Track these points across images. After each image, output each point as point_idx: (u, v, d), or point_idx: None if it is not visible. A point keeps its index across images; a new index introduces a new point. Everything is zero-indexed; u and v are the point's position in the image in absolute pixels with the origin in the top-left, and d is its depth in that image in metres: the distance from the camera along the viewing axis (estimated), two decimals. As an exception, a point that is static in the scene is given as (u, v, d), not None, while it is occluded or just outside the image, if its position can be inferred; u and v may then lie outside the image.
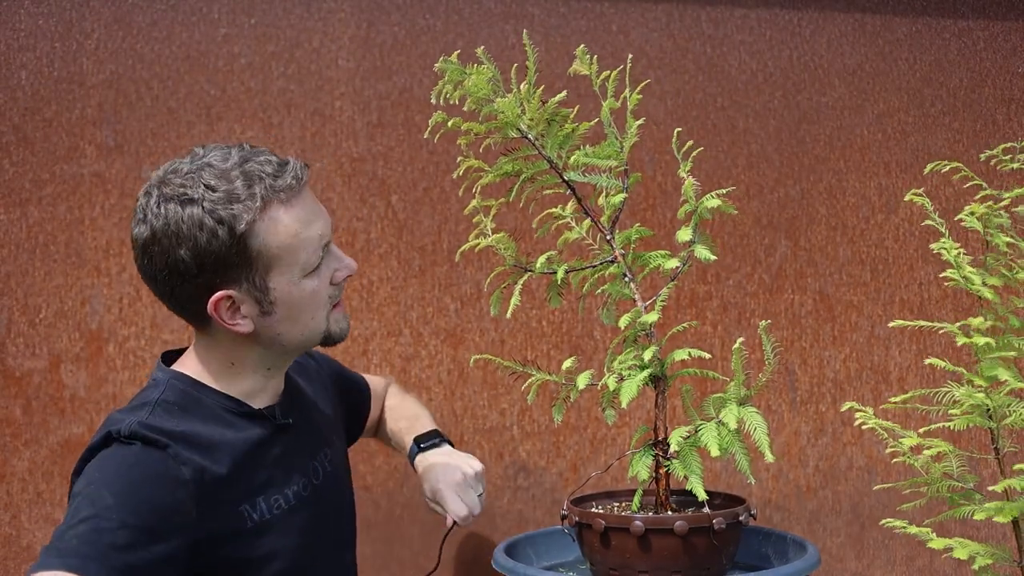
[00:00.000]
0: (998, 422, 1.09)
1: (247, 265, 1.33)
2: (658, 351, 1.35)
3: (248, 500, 1.39)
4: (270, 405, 1.49)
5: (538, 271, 1.43)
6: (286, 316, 1.39)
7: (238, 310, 1.37)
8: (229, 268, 1.32)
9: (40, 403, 2.28)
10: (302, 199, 1.37)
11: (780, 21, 2.60)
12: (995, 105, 2.68)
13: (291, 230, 1.34)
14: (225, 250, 1.31)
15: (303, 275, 1.37)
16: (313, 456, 1.55)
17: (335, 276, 1.43)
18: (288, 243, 1.35)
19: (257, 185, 1.32)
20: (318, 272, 1.40)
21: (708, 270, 2.53)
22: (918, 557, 2.58)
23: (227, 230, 1.30)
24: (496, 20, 2.47)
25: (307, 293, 1.38)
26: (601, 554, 1.33)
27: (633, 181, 1.39)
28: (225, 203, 1.30)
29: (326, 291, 1.42)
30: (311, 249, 1.37)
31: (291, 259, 1.35)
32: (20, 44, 2.31)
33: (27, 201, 2.30)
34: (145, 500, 1.26)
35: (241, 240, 1.31)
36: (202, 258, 1.31)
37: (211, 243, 1.30)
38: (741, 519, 1.33)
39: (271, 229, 1.33)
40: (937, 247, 1.11)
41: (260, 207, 1.32)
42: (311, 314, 1.40)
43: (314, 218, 1.38)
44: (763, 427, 1.26)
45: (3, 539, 2.27)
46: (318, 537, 1.49)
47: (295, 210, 1.35)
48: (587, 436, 2.46)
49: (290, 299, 1.37)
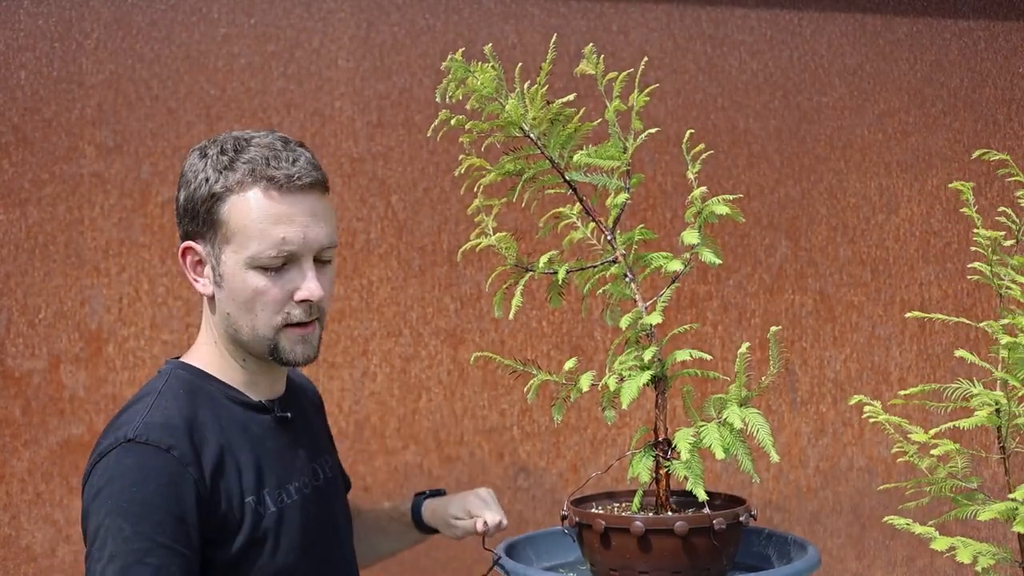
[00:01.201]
0: (1008, 421, 1.09)
1: (211, 227, 1.41)
2: (658, 352, 1.34)
3: (252, 495, 1.40)
4: (270, 399, 1.49)
5: (539, 271, 1.43)
6: (231, 297, 1.42)
7: (202, 269, 1.45)
8: (199, 223, 1.41)
9: (40, 403, 2.28)
10: (292, 200, 1.39)
11: (780, 21, 2.60)
12: (995, 105, 2.68)
13: (253, 215, 1.38)
14: (199, 204, 1.40)
15: (250, 266, 1.39)
16: (313, 459, 1.55)
17: (296, 293, 1.41)
18: (245, 225, 1.38)
19: (251, 164, 1.39)
20: (272, 276, 1.39)
21: (708, 270, 2.53)
22: (919, 557, 2.58)
23: (208, 187, 1.39)
24: (496, 20, 2.47)
25: (249, 286, 1.40)
26: (601, 554, 1.33)
27: (636, 182, 1.38)
28: (222, 166, 1.40)
29: (278, 302, 1.41)
30: (264, 245, 1.38)
31: (243, 242, 1.39)
32: (20, 44, 2.31)
33: (27, 201, 2.29)
34: (158, 510, 1.30)
35: (213, 201, 1.39)
36: (188, 203, 1.42)
37: (195, 193, 1.41)
38: (741, 519, 1.32)
39: (239, 205, 1.38)
40: (980, 236, 1.11)
41: (240, 180, 1.38)
42: (255, 311, 1.41)
43: (288, 221, 1.38)
44: (766, 427, 1.25)
45: (3, 539, 2.26)
46: (322, 535, 1.49)
47: (271, 203, 1.38)
48: (587, 436, 2.46)
49: (233, 281, 1.41)
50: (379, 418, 2.40)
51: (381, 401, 2.40)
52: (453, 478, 2.41)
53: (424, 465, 2.41)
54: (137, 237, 2.32)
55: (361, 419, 2.39)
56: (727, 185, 2.53)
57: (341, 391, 2.39)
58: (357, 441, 2.39)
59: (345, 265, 2.40)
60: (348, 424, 2.38)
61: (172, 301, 2.32)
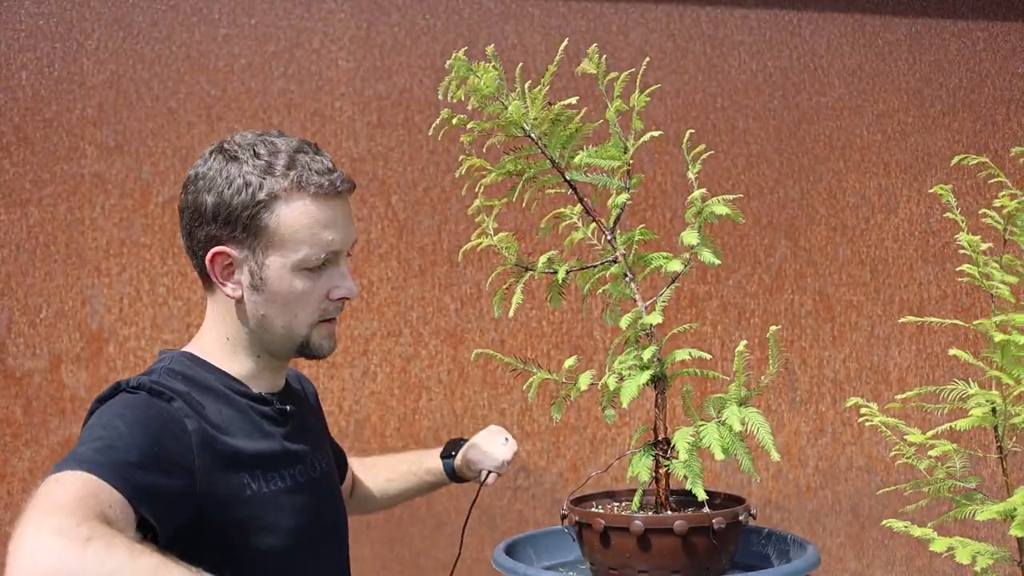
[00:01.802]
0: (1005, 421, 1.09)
1: (254, 234, 1.40)
2: (658, 351, 1.35)
3: (248, 471, 1.40)
4: (270, 392, 1.50)
5: (539, 271, 1.43)
6: (271, 300, 1.42)
7: (232, 272, 1.43)
8: (237, 229, 1.40)
9: (40, 403, 2.28)
10: (332, 204, 1.43)
11: (780, 21, 2.60)
12: (995, 105, 2.68)
13: (303, 221, 1.40)
14: (241, 210, 1.39)
15: (297, 269, 1.41)
16: (311, 452, 1.55)
17: (332, 292, 1.46)
18: (295, 231, 1.39)
19: (296, 169, 1.40)
20: (315, 276, 1.43)
21: (708, 270, 2.53)
22: (917, 557, 2.58)
23: (251, 193, 1.38)
24: (496, 20, 2.47)
25: (296, 289, 1.42)
26: (601, 554, 1.33)
27: (636, 182, 1.39)
28: (262, 172, 1.39)
29: (318, 300, 1.45)
30: (315, 249, 1.41)
31: (292, 247, 1.40)
32: (20, 44, 2.31)
33: (27, 201, 2.30)
34: (154, 435, 1.29)
35: (258, 207, 1.38)
36: (219, 208, 1.39)
37: (233, 199, 1.39)
38: (741, 519, 1.33)
39: (288, 212, 1.39)
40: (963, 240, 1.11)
41: (287, 187, 1.39)
42: (294, 311, 1.43)
43: (333, 225, 1.43)
44: (766, 427, 1.25)
45: (3, 539, 2.27)
46: (314, 525, 1.49)
47: (317, 208, 1.41)
48: (587, 436, 2.46)
49: (279, 285, 1.41)
50: (379, 418, 2.40)
51: (381, 401, 2.40)
52: (453, 478, 2.41)
53: (424, 465, 2.42)
54: (138, 237, 2.32)
55: (361, 419, 2.40)
56: (727, 185, 2.53)
57: (341, 391, 2.39)
58: (357, 441, 2.39)
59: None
60: (348, 424, 2.39)
61: (173, 301, 2.33)
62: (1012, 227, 1.17)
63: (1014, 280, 1.13)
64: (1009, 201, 1.15)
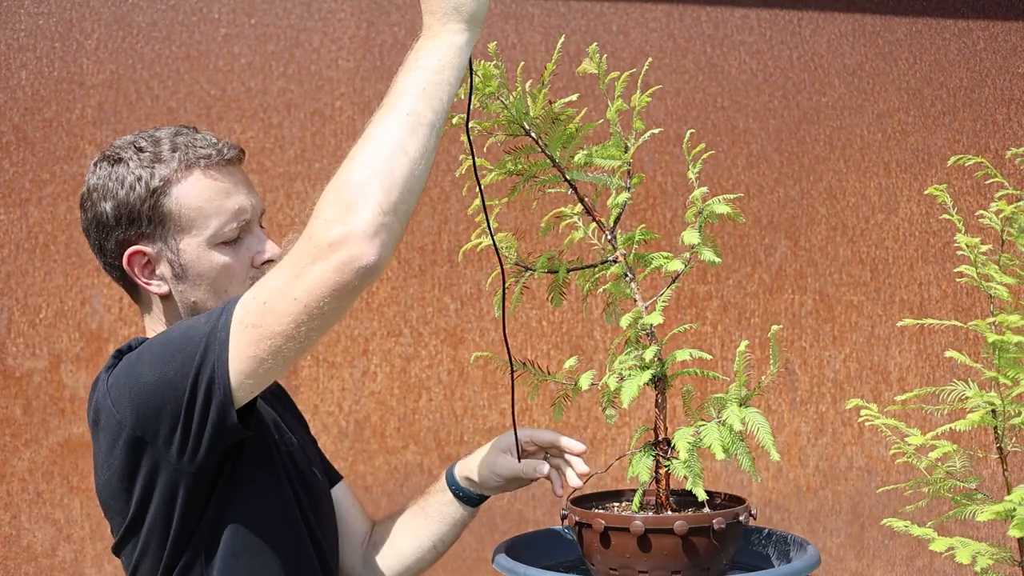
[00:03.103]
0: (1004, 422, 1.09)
1: (160, 223, 1.38)
2: (658, 351, 1.35)
3: (271, 420, 1.42)
4: None
5: (539, 271, 1.43)
6: (197, 283, 1.40)
7: (153, 270, 1.42)
8: (144, 223, 1.38)
9: (40, 403, 2.28)
10: (227, 172, 1.42)
11: (780, 21, 2.60)
12: (995, 105, 2.68)
13: (204, 195, 1.38)
14: (141, 204, 1.37)
15: (213, 244, 1.39)
16: (301, 437, 1.54)
17: (255, 258, 1.43)
18: (200, 207, 1.38)
19: (181, 151, 1.39)
20: (234, 248, 1.41)
21: (708, 270, 2.53)
22: (918, 557, 2.58)
23: (144, 185, 1.37)
24: (496, 20, 2.47)
25: (217, 264, 1.40)
26: (601, 554, 1.33)
27: (637, 182, 1.39)
28: (149, 163, 1.38)
29: (244, 270, 1.42)
30: (224, 219, 1.39)
31: (202, 223, 1.38)
32: (20, 44, 2.31)
33: (27, 201, 2.30)
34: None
35: (155, 196, 1.37)
36: (120, 210, 1.38)
37: (129, 196, 1.37)
38: (741, 519, 1.33)
39: (185, 191, 1.38)
40: (962, 241, 1.11)
41: (178, 167, 1.38)
42: (224, 287, 1.41)
43: (234, 192, 1.41)
44: (766, 427, 1.25)
45: (3, 539, 2.26)
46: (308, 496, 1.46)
47: (212, 179, 1.39)
48: (587, 436, 2.46)
49: (199, 265, 1.40)
50: (379, 418, 2.40)
51: (381, 401, 2.40)
52: (453, 478, 2.41)
53: (424, 465, 2.41)
54: (137, 237, 2.33)
55: (361, 419, 2.39)
56: (727, 185, 2.53)
57: (341, 391, 2.39)
58: (357, 441, 2.39)
59: (345, 265, 2.41)
60: (348, 424, 2.39)
61: (172, 301, 2.33)
62: (1010, 228, 1.17)
63: (1012, 281, 1.13)
64: (1006, 205, 1.15)
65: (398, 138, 1.19)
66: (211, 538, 1.31)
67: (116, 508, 1.31)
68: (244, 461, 1.32)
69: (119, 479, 1.28)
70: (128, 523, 1.30)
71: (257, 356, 1.18)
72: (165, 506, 1.27)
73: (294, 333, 1.15)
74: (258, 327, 1.17)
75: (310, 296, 1.14)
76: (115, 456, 1.27)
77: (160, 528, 1.28)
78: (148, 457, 1.25)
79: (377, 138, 1.20)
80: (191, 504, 1.28)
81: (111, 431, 1.26)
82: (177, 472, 1.25)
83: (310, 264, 1.13)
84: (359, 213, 1.13)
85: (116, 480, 1.28)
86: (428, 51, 1.23)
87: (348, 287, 1.14)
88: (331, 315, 1.16)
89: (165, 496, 1.26)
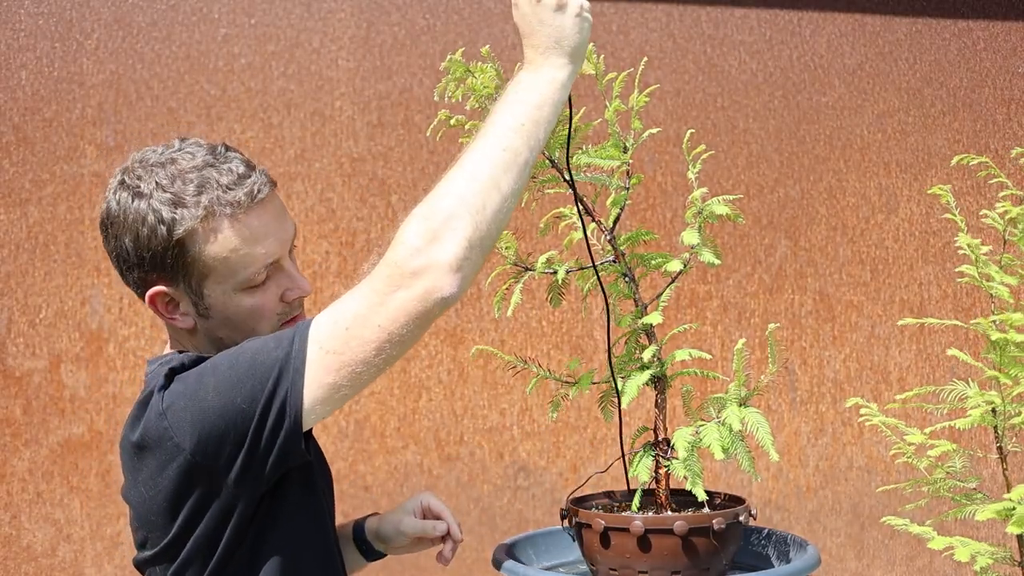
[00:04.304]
0: (1004, 421, 1.09)
1: (183, 269, 1.32)
2: (658, 351, 1.35)
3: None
4: None
5: (539, 271, 1.43)
6: (224, 323, 1.35)
7: (177, 306, 1.36)
8: (166, 267, 1.32)
9: (40, 403, 2.28)
10: (255, 215, 1.33)
11: (780, 21, 2.60)
12: (995, 105, 2.68)
13: (230, 244, 1.31)
14: (162, 250, 1.30)
15: (240, 289, 1.33)
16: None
17: (286, 294, 1.38)
18: (225, 256, 1.31)
19: (206, 194, 1.30)
20: (262, 289, 1.35)
21: (708, 270, 2.53)
22: (918, 557, 2.58)
23: (166, 231, 1.29)
24: (496, 20, 2.47)
25: (244, 307, 1.34)
26: (601, 554, 1.33)
27: (636, 182, 1.39)
28: (171, 205, 1.29)
29: (273, 307, 1.36)
30: (252, 267, 1.33)
31: (227, 272, 1.32)
32: (20, 44, 2.31)
33: (27, 201, 2.30)
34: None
35: (178, 244, 1.30)
36: (141, 251, 1.31)
37: (150, 240, 1.30)
38: (741, 519, 1.33)
39: (210, 240, 1.30)
40: (963, 241, 1.11)
41: (203, 216, 1.29)
42: (251, 326, 1.35)
43: (262, 236, 1.33)
44: (766, 426, 1.25)
45: (3, 539, 2.27)
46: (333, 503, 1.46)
47: (241, 225, 1.31)
48: (587, 436, 2.46)
49: (226, 310, 1.34)
50: (379, 418, 2.40)
51: (381, 401, 2.40)
52: (453, 477, 2.41)
53: (424, 464, 2.42)
54: (137, 237, 2.33)
55: (361, 419, 2.39)
56: (727, 185, 2.53)
57: (341, 391, 2.39)
58: (357, 441, 2.39)
59: (345, 265, 2.41)
60: (348, 424, 2.39)
61: (172, 301, 2.33)
62: (1013, 229, 1.17)
63: (1013, 281, 1.13)
64: (1012, 207, 1.15)
65: (492, 173, 1.18)
66: (252, 560, 1.28)
67: (157, 524, 1.27)
68: (288, 479, 1.29)
69: (166, 499, 1.24)
70: (166, 545, 1.26)
71: (336, 383, 1.16)
72: (213, 532, 1.24)
73: (374, 360, 1.15)
74: (340, 354, 1.15)
75: (393, 324, 1.13)
76: (165, 477, 1.23)
77: (204, 552, 1.25)
78: (204, 483, 1.22)
79: (471, 171, 1.18)
80: (239, 528, 1.25)
81: (164, 453, 1.22)
82: (234, 497, 1.22)
83: (394, 291, 1.13)
84: (445, 245, 1.13)
85: (163, 499, 1.24)
86: (529, 85, 1.23)
87: (428, 316, 1.13)
88: (409, 342, 1.16)
89: (216, 521, 1.23)
